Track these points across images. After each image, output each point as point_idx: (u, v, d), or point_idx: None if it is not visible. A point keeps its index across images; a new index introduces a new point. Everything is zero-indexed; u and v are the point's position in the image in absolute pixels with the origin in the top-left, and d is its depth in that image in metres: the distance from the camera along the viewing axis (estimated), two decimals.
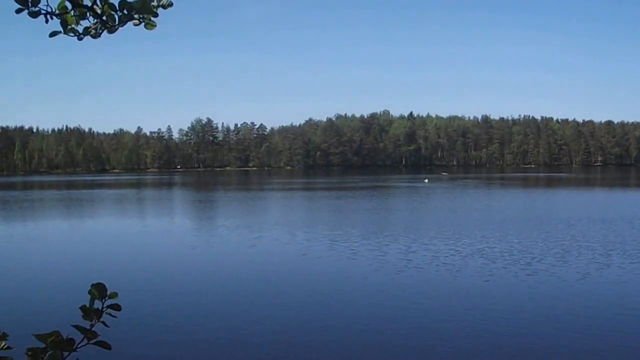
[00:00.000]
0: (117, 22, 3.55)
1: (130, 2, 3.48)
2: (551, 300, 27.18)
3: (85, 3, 3.51)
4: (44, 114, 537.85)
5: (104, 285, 3.23)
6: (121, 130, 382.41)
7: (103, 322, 3.21)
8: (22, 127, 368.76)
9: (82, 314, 3.21)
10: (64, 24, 3.50)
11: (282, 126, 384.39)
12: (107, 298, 3.21)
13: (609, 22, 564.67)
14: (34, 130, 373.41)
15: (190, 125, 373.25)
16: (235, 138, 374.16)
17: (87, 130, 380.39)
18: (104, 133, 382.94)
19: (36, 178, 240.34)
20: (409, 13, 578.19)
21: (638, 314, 25.03)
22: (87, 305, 3.20)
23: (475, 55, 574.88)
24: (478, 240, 45.93)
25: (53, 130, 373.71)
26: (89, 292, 3.20)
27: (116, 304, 3.21)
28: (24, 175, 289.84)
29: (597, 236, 47.53)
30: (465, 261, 37.04)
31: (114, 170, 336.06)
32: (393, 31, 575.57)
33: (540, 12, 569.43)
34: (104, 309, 3.21)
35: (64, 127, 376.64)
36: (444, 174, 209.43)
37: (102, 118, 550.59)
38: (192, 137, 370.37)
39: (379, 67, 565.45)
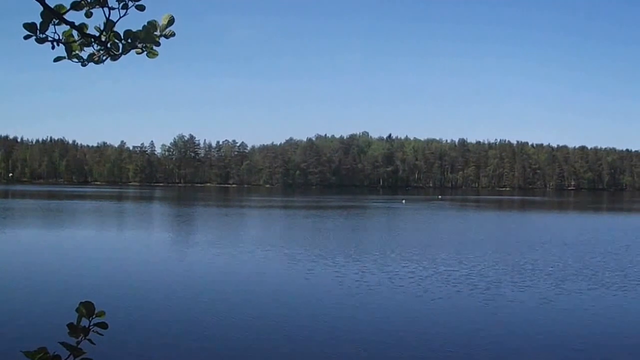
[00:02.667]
0: (120, 51, 3.64)
1: (134, 32, 3.58)
2: (509, 327, 26.54)
3: (89, 32, 3.59)
4: (28, 125, 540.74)
5: (92, 304, 3.20)
6: (105, 143, 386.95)
7: (89, 340, 3.18)
8: (6, 137, 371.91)
9: (68, 330, 3.19)
10: (69, 50, 3.61)
11: (263, 145, 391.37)
12: (94, 316, 3.18)
13: (583, 51, 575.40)
14: (18, 140, 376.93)
15: (172, 141, 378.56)
16: (216, 155, 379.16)
17: (71, 142, 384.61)
18: (88, 146, 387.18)
19: (18, 187, 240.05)
20: (390, 36, 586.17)
21: (596, 342, 24.68)
22: (74, 322, 3.18)
23: (453, 80, 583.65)
24: (438, 262, 44.93)
25: (37, 140, 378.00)
26: (77, 310, 3.18)
27: (103, 322, 3.19)
28: (5, 184, 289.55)
29: (558, 260, 46.92)
30: (422, 284, 35.86)
31: (96, 183, 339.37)
32: (374, 55, 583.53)
33: (516, 42, 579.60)
34: (91, 327, 3.18)
35: (48, 138, 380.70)
36: (440, 197, 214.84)
37: (86, 131, 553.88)
38: (174, 152, 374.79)
39: (359, 90, 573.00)
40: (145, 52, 3.64)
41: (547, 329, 26.03)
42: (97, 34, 3.60)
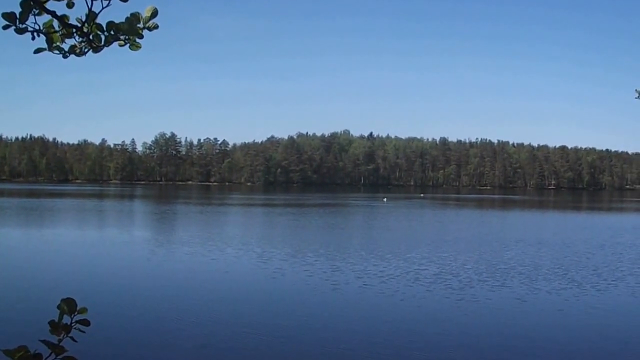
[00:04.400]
0: (103, 42, 3.58)
1: (117, 23, 3.52)
2: (480, 328, 26.12)
3: (71, 22, 3.53)
4: (8, 122, 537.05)
5: (73, 301, 3.15)
6: (85, 141, 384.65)
7: (71, 338, 3.15)
8: None
9: (49, 328, 3.14)
10: (50, 41, 3.53)
11: (244, 142, 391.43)
12: (76, 313, 3.14)
13: (565, 50, 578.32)
14: None
15: (154, 139, 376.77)
16: (197, 153, 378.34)
17: (51, 139, 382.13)
18: (68, 143, 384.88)
19: None
20: (371, 35, 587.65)
21: (568, 342, 24.41)
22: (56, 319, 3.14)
23: (435, 79, 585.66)
24: (410, 261, 44.37)
25: (17, 138, 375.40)
26: (58, 307, 3.13)
27: (85, 319, 3.15)
28: None
29: (532, 259, 46.60)
30: (391, 283, 35.41)
31: (77, 181, 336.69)
32: (355, 53, 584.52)
33: (498, 40, 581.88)
34: (73, 324, 3.14)
35: (28, 136, 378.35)
36: (422, 195, 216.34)
37: (66, 128, 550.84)
38: (155, 150, 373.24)
39: (340, 88, 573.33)
40: (128, 45, 3.60)
41: (518, 330, 25.82)
42: (79, 25, 3.54)
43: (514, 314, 29.03)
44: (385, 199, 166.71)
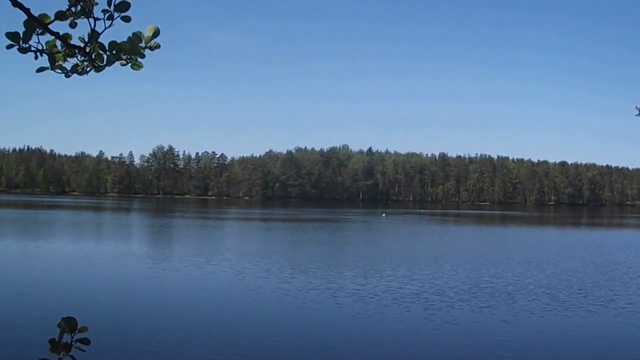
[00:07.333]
0: (104, 62, 3.59)
1: (119, 43, 3.52)
2: (461, 352, 25.23)
3: (73, 43, 3.54)
4: (5, 133, 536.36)
5: (74, 319, 3.12)
6: (83, 153, 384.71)
7: (72, 357, 3.14)
8: None
9: (50, 347, 3.13)
10: (52, 60, 3.55)
11: (243, 157, 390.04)
12: (76, 332, 3.12)
13: (563, 67, 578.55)
14: None
15: (152, 152, 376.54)
16: (195, 166, 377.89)
17: (48, 151, 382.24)
18: (66, 155, 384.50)
19: None
20: (371, 51, 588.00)
21: None
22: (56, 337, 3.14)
23: (434, 95, 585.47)
24: (393, 279, 43.45)
25: (14, 149, 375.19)
26: (59, 326, 3.11)
27: (85, 338, 3.14)
28: None
29: (519, 278, 45.56)
30: (369, 303, 34.45)
31: (74, 193, 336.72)
32: (354, 68, 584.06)
33: (496, 58, 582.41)
34: (73, 343, 3.12)
35: (26, 147, 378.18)
36: (422, 210, 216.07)
37: (64, 140, 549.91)
38: (153, 163, 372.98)
39: (339, 103, 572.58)
40: (130, 64, 3.62)
41: (500, 353, 24.91)
42: (81, 44, 3.56)
43: (497, 336, 27.92)
44: (384, 215, 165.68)
